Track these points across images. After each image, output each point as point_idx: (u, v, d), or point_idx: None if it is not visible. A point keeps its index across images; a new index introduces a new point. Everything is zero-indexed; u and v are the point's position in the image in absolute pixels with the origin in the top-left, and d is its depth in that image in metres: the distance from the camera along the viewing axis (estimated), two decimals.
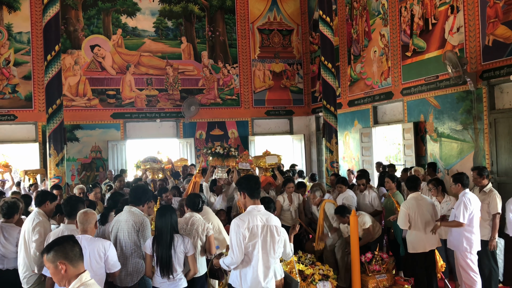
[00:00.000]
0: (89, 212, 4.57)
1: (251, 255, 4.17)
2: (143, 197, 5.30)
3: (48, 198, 5.60)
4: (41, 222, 5.31)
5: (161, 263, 4.57)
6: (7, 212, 5.58)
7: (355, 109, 13.72)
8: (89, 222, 4.50)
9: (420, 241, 6.24)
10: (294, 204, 7.99)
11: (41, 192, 5.88)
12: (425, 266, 6.32)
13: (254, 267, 4.17)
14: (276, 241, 4.22)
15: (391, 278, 6.69)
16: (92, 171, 14.38)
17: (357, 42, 13.53)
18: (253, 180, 4.39)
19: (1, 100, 13.76)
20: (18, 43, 13.97)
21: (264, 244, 4.17)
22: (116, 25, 14.82)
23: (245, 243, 4.14)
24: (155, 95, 15.14)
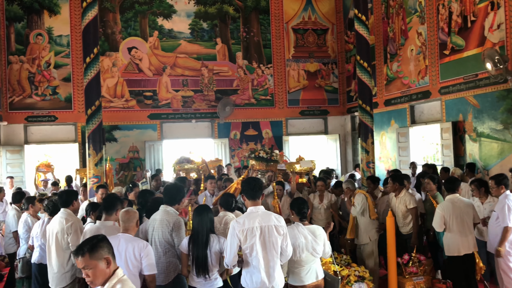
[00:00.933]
0: (131, 211, 4.59)
1: (250, 257, 4.21)
2: (177, 196, 5.37)
3: (73, 198, 5.74)
4: (76, 222, 5.46)
5: (197, 262, 4.59)
6: (53, 210, 5.78)
7: (392, 109, 13.54)
8: (131, 220, 4.51)
9: (455, 244, 6.06)
10: (324, 203, 7.99)
11: (65, 192, 5.95)
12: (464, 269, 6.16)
13: (256, 268, 4.20)
14: (277, 240, 4.21)
15: (429, 281, 6.59)
16: (129, 171, 14.69)
17: (393, 41, 13.36)
18: (253, 182, 4.42)
19: (42, 102, 14.21)
20: (58, 46, 14.40)
21: (264, 245, 4.19)
22: (152, 27, 15.09)
23: (242, 244, 4.19)
24: (191, 96, 15.33)
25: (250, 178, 4.64)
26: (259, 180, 4.56)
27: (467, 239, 6.05)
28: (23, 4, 14.14)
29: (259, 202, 4.35)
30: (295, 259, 4.55)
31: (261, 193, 4.40)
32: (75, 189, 10.07)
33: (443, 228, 6.09)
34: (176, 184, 7.10)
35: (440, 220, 6.07)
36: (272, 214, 4.32)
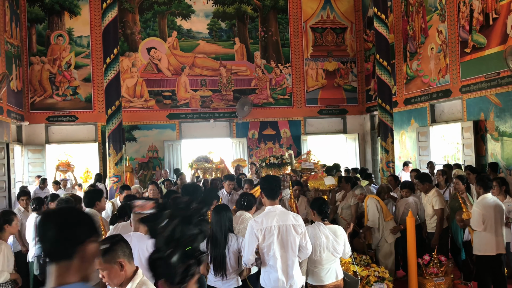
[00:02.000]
0: None
1: (268, 256, 4.23)
2: (194, 195, 5.42)
3: (96, 198, 5.79)
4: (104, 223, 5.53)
5: (215, 262, 4.61)
6: None
7: (412, 108, 13.44)
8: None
9: (490, 244, 6.00)
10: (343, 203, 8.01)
11: (89, 192, 5.99)
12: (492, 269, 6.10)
13: (274, 267, 4.22)
14: (296, 239, 4.22)
15: (450, 282, 6.54)
16: (149, 170, 14.84)
17: (413, 39, 13.26)
18: (273, 181, 4.43)
19: (63, 102, 14.43)
20: (79, 46, 14.61)
21: (282, 244, 4.20)
22: (171, 28, 15.21)
23: (260, 244, 4.21)
24: (209, 96, 15.42)
25: (269, 176, 4.66)
26: (279, 179, 4.58)
27: (501, 239, 6.04)
28: (44, 5, 14.37)
29: (277, 201, 4.38)
30: (315, 258, 4.56)
31: (279, 193, 4.42)
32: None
33: (482, 227, 6.02)
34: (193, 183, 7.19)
35: (479, 219, 5.99)
36: (290, 213, 4.34)
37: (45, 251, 1.84)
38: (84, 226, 1.89)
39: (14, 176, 12.09)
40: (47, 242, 1.82)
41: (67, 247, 1.81)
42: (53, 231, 1.82)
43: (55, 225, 1.83)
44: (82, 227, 1.88)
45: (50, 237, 1.81)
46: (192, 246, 1.96)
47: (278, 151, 15.59)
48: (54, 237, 1.81)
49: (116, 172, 9.37)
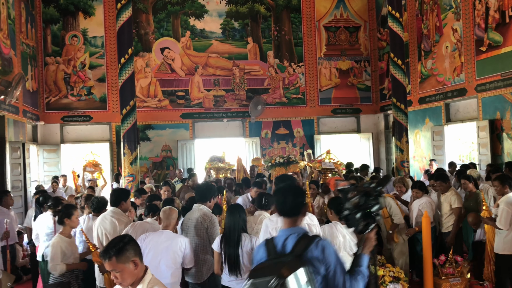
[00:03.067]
0: (172, 209, 4.82)
1: None
2: (208, 193, 5.47)
3: (122, 198, 5.85)
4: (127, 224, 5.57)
5: (229, 261, 4.62)
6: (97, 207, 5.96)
7: (426, 107, 13.37)
8: (172, 218, 4.75)
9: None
10: None
11: (115, 191, 6.03)
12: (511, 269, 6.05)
13: None
14: None
15: (466, 282, 6.50)
16: (163, 170, 14.93)
17: (427, 38, 13.19)
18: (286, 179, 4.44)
19: (77, 102, 14.58)
20: (93, 47, 14.74)
21: None
22: (184, 28, 15.29)
23: None
24: (222, 95, 15.47)
25: (283, 175, 4.68)
26: (292, 177, 4.60)
27: None
28: (59, 6, 14.52)
29: None
30: None
31: None
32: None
33: (508, 226, 5.94)
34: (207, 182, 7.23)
35: (509, 218, 5.90)
36: (307, 213, 4.34)
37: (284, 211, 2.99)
38: (304, 194, 3.11)
39: (29, 176, 12.25)
40: (287, 205, 2.98)
41: (299, 207, 3.00)
42: (291, 198, 2.99)
43: (293, 194, 3.01)
44: (303, 195, 3.08)
45: (291, 202, 2.98)
46: (370, 210, 2.83)
47: (291, 150, 15.62)
48: (292, 201, 2.98)
49: (131, 171, 9.42)
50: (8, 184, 10.43)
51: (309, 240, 2.82)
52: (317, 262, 2.73)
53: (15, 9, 12.06)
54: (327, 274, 2.75)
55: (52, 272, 5.03)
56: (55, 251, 5.04)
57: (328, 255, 2.76)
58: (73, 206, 5.45)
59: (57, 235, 5.18)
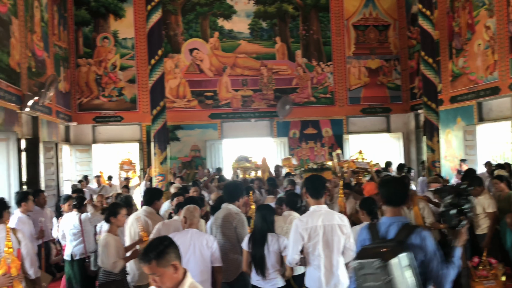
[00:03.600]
0: (194, 207, 4.82)
1: (312, 255, 4.21)
2: (236, 193, 5.48)
3: (155, 198, 5.92)
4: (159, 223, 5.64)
5: (255, 260, 4.65)
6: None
7: (458, 106, 13.14)
8: (195, 216, 4.75)
9: None
10: None
11: (149, 191, 6.08)
12: None
13: (318, 267, 4.20)
14: (341, 239, 4.18)
15: (501, 285, 6.37)
16: (191, 169, 15.08)
17: (459, 36, 12.95)
18: (316, 180, 4.42)
19: (108, 103, 14.84)
20: (124, 48, 14.98)
21: (327, 244, 4.18)
22: (213, 28, 15.40)
23: (305, 243, 4.20)
24: (250, 96, 15.52)
25: (313, 176, 4.65)
26: (323, 178, 4.57)
27: None
28: (90, 8, 14.81)
29: (322, 201, 4.36)
30: None
31: (324, 192, 4.41)
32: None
33: None
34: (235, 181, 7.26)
35: None
36: (336, 213, 4.32)
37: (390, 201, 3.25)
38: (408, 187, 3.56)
39: (62, 175, 12.51)
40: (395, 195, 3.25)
41: (405, 198, 3.33)
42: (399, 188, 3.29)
43: (401, 186, 3.32)
44: (408, 188, 3.50)
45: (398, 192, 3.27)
46: (462, 207, 3.28)
47: (319, 150, 15.57)
48: (400, 192, 3.27)
49: (161, 171, 9.54)
50: (42, 183, 10.68)
51: (411, 229, 3.15)
52: (417, 249, 3.03)
53: (48, 12, 12.36)
54: (425, 261, 3.05)
55: (113, 270, 5.09)
56: (111, 249, 5.07)
57: (428, 244, 3.06)
58: (119, 205, 5.48)
59: (106, 234, 5.22)
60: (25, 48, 10.37)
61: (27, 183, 9.82)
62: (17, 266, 4.08)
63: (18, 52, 9.91)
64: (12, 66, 9.54)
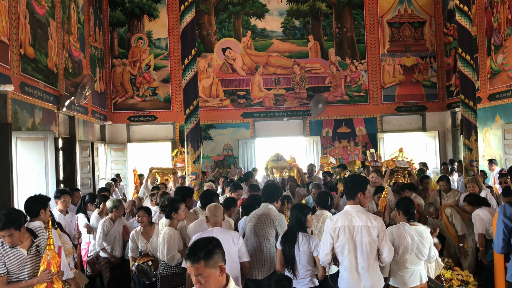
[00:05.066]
0: (218, 206, 4.94)
1: (341, 256, 4.21)
2: (276, 194, 5.50)
3: (188, 195, 5.98)
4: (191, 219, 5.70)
5: (287, 259, 4.68)
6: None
7: (497, 103, 12.78)
8: (220, 214, 4.87)
9: None
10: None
11: (181, 189, 6.20)
12: None
13: (347, 268, 4.18)
14: (372, 241, 4.12)
15: None
16: (224, 168, 15.15)
17: (498, 31, 12.59)
18: (350, 180, 4.36)
19: (143, 102, 15.05)
20: (157, 48, 15.16)
21: (355, 245, 4.14)
22: (245, 28, 15.43)
23: (334, 243, 4.19)
24: (283, 94, 15.49)
25: (352, 176, 4.61)
26: (358, 178, 4.50)
27: None
28: (125, 9, 15.04)
29: (356, 201, 4.30)
30: (399, 259, 4.46)
31: (357, 192, 4.32)
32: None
33: None
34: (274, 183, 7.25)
35: None
36: (369, 214, 4.25)
37: None
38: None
39: (98, 173, 12.75)
40: None
41: None
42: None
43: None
44: None
45: None
46: None
47: (353, 149, 15.41)
48: None
49: (194, 170, 9.59)
50: (78, 182, 10.90)
51: None
52: None
53: (84, 14, 12.61)
54: None
55: (169, 263, 5.19)
56: (172, 243, 5.21)
57: None
58: (179, 200, 5.58)
59: (168, 228, 5.33)
60: (62, 49, 10.61)
61: (63, 181, 10.04)
62: (57, 262, 4.15)
63: (55, 53, 10.15)
64: (49, 67, 9.77)
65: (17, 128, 7.88)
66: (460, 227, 6.87)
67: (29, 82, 8.57)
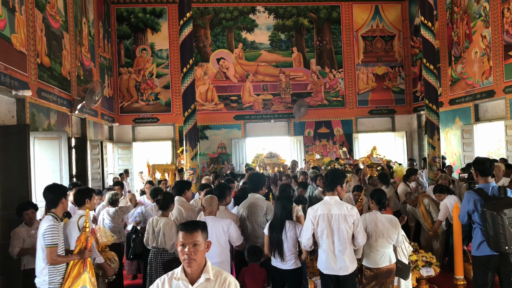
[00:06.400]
0: (213, 197, 4.90)
1: (321, 240, 4.26)
2: (259, 183, 5.48)
3: (185, 187, 5.95)
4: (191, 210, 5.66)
5: (273, 245, 4.65)
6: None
7: (456, 107, 12.91)
8: (214, 204, 4.84)
9: None
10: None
11: (179, 182, 6.12)
12: None
13: (325, 250, 4.23)
14: (347, 228, 4.17)
15: None
16: (218, 164, 15.14)
17: (457, 44, 12.72)
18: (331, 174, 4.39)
19: (146, 106, 14.98)
20: (159, 58, 15.09)
21: (333, 231, 4.19)
22: (237, 40, 15.41)
23: (314, 229, 4.24)
24: (270, 99, 15.50)
25: (331, 170, 4.64)
26: (338, 172, 4.52)
27: None
28: (131, 24, 14.96)
29: (335, 192, 4.34)
30: (371, 243, 4.51)
31: (336, 185, 4.36)
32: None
33: None
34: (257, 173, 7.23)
35: None
36: (345, 204, 4.28)
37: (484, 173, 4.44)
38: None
39: (106, 169, 12.69)
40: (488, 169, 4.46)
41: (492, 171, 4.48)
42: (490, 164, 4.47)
43: (491, 162, 4.51)
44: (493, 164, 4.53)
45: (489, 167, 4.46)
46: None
47: (331, 147, 15.49)
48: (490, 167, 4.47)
49: (192, 165, 9.57)
50: (89, 177, 10.84)
51: (504, 188, 4.37)
52: None
53: (94, 27, 12.53)
54: None
55: (171, 251, 5.13)
56: (172, 232, 5.15)
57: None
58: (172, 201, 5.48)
59: (167, 218, 5.24)
60: (74, 59, 10.54)
61: (76, 176, 9.98)
62: (90, 241, 4.28)
63: (68, 63, 10.08)
64: (63, 74, 9.70)
65: (34, 129, 7.82)
66: (436, 214, 6.94)
67: (45, 88, 8.50)
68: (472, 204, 4.36)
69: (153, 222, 5.24)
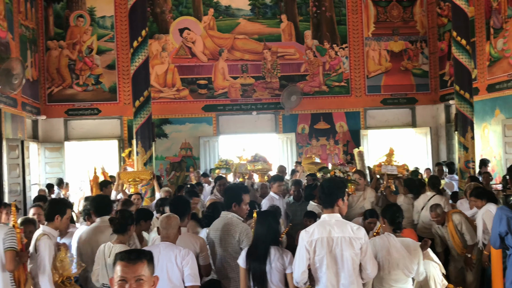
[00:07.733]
0: (172, 216, 4.74)
1: (320, 272, 4.17)
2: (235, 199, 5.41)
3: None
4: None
5: (254, 278, 4.54)
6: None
7: (496, 95, 13.07)
8: (172, 227, 4.66)
9: None
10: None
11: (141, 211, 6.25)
12: None
13: (326, 286, 4.14)
14: (353, 255, 4.12)
15: None
16: (182, 171, 15.05)
17: (498, 13, 12.88)
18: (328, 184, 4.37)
19: (83, 93, 14.84)
20: (101, 28, 14.97)
21: (336, 260, 4.13)
22: (207, 5, 15.37)
23: (310, 258, 4.16)
24: (251, 84, 15.51)
25: (328, 180, 4.61)
26: (336, 182, 4.49)
27: None
28: None
29: (335, 209, 4.28)
30: (383, 276, 4.49)
31: (337, 199, 4.31)
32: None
33: None
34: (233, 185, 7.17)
35: None
36: (349, 224, 4.25)
37: None
38: None
39: (29, 178, 12.50)
40: None
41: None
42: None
43: None
44: None
45: None
46: None
47: (332, 148, 15.54)
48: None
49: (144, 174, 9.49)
50: (5, 188, 10.66)
51: None
52: None
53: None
54: None
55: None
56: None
57: None
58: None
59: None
60: None
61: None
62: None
63: None
64: None
65: None
66: (470, 236, 6.96)
67: None
68: (505, 223, 4.37)
69: (105, 251, 5.14)
